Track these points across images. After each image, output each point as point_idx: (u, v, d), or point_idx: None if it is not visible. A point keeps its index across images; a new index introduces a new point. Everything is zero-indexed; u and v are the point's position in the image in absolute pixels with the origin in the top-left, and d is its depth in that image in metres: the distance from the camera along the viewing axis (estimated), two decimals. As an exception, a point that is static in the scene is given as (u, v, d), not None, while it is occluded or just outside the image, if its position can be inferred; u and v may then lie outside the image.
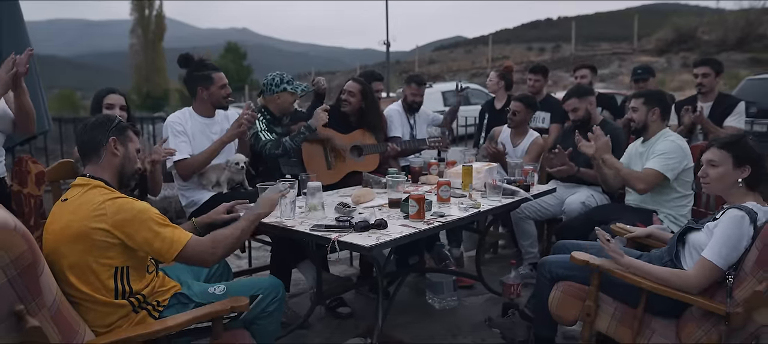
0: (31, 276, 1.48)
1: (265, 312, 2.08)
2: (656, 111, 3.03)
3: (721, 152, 2.12)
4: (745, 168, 2.07)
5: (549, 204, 3.53)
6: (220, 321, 1.85)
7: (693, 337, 2.00)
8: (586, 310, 2.20)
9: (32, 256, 1.47)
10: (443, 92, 15.35)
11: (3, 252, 1.39)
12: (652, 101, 3.05)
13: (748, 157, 2.08)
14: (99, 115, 2.14)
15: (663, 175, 2.91)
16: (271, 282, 2.15)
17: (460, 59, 39.48)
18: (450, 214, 2.49)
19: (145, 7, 37.02)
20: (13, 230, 1.43)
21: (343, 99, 3.65)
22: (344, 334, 2.87)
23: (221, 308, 1.85)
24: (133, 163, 2.01)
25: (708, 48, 25.97)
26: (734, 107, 3.96)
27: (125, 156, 1.96)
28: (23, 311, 1.42)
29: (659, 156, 2.94)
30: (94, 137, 1.92)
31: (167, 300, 1.96)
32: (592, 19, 57.90)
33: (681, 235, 2.18)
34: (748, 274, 1.89)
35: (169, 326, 1.79)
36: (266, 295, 2.08)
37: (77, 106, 33.02)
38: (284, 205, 2.37)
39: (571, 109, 3.56)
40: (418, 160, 3.59)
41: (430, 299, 3.35)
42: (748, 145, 2.11)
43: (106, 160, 1.92)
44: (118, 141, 1.93)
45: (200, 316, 1.83)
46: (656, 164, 2.93)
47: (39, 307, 1.49)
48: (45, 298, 1.53)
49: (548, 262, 2.44)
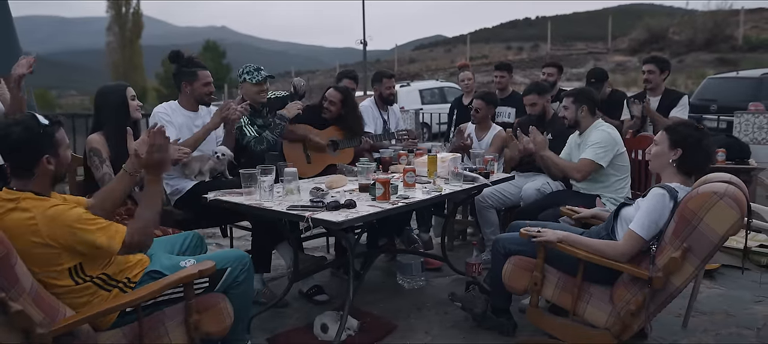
0: (6, 267, 1.63)
1: (236, 282, 2.21)
2: (584, 108, 3.37)
3: (662, 133, 2.41)
4: (676, 150, 2.34)
5: (510, 193, 3.81)
6: (191, 285, 1.97)
7: (623, 299, 2.30)
8: (534, 280, 2.47)
9: (5, 249, 1.63)
10: (421, 90, 15.66)
11: None
12: (580, 99, 3.38)
13: (682, 141, 2.33)
14: (20, 125, 1.85)
15: (596, 163, 3.24)
16: (237, 254, 2.28)
17: (440, 58, 39.84)
18: (414, 197, 2.76)
19: (122, 5, 36.66)
20: None
21: (325, 107, 3.91)
22: (320, 311, 3.11)
23: (189, 274, 1.96)
24: (67, 162, 1.99)
25: (678, 48, 26.74)
26: (679, 100, 4.32)
27: (59, 163, 1.92)
28: (5, 298, 1.59)
29: (591, 146, 3.27)
30: (26, 157, 1.85)
31: (138, 275, 2.07)
32: (569, 18, 58.71)
33: (616, 211, 2.48)
34: (667, 243, 2.19)
35: (141, 295, 1.89)
36: (234, 268, 2.20)
37: (53, 104, 32.54)
38: (263, 189, 2.61)
39: (529, 104, 3.86)
40: (389, 150, 3.86)
41: (399, 280, 3.61)
42: (683, 132, 2.36)
43: (40, 176, 1.88)
44: (49, 157, 1.88)
45: (170, 283, 1.94)
46: (589, 154, 3.26)
47: (19, 293, 1.66)
48: (23, 284, 1.69)
49: (502, 239, 2.72)
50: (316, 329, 2.79)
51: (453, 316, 3.06)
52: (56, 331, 1.71)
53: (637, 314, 2.24)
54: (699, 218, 2.10)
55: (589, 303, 2.40)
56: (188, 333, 2.00)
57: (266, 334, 2.85)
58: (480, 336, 2.84)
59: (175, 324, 2.01)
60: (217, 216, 3.26)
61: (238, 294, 2.23)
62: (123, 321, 1.98)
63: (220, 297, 2.13)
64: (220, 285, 2.18)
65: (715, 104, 9.24)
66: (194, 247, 2.53)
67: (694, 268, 2.17)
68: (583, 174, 3.29)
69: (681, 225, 2.15)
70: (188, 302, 1.99)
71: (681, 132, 2.36)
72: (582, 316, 2.42)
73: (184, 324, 2.00)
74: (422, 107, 13.69)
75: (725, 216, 2.08)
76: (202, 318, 2.04)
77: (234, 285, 2.22)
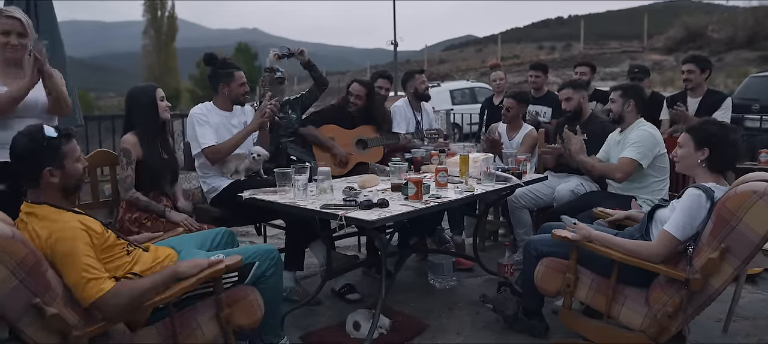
0: (38, 274, 1.70)
1: (264, 276, 2.23)
2: (632, 103, 3.29)
3: (685, 135, 2.38)
4: (703, 150, 2.30)
5: (543, 193, 3.78)
6: (219, 280, 2.01)
7: (660, 301, 2.26)
8: (566, 282, 2.45)
9: (34, 257, 1.70)
10: (451, 91, 15.62)
11: (8, 258, 1.63)
12: (629, 94, 3.31)
13: (707, 140, 2.29)
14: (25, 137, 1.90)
15: (637, 162, 3.17)
16: (265, 248, 2.31)
17: (470, 58, 39.64)
18: (446, 197, 2.77)
19: (158, 8, 37.54)
20: (11, 238, 1.65)
21: (351, 101, 3.99)
22: (353, 310, 3.15)
23: (216, 269, 1.99)
24: (76, 175, 1.97)
25: (718, 46, 25.98)
26: (722, 102, 4.18)
27: (64, 176, 1.91)
28: (40, 303, 1.66)
29: (632, 145, 3.20)
30: (28, 169, 1.88)
31: None
32: (603, 17, 57.66)
33: (651, 213, 2.44)
34: (705, 244, 2.15)
35: (166, 296, 1.91)
36: (262, 261, 2.23)
37: (92, 106, 33.55)
38: (298, 188, 2.66)
39: (564, 98, 3.82)
40: (420, 151, 3.87)
41: (431, 280, 3.62)
42: (708, 130, 2.32)
43: (46, 188, 1.90)
44: (52, 169, 1.88)
45: (195, 281, 1.95)
46: (630, 153, 3.19)
47: (53, 298, 1.72)
48: (56, 290, 1.75)
49: (534, 241, 2.71)
50: (349, 327, 2.82)
51: (484, 317, 3.06)
52: (92, 332, 1.77)
53: (674, 316, 2.20)
54: (738, 218, 2.06)
55: (624, 305, 2.37)
56: (221, 327, 2.06)
57: (300, 331, 2.89)
58: (511, 337, 2.83)
59: (207, 319, 2.06)
60: (252, 215, 3.33)
61: (268, 288, 2.25)
62: (156, 318, 2.02)
63: (249, 290, 2.17)
64: (249, 280, 2.21)
65: (757, 103, 8.95)
66: (225, 244, 2.56)
67: (733, 269, 2.12)
68: (625, 173, 3.21)
69: (719, 226, 2.11)
70: (217, 297, 2.03)
71: (705, 131, 2.32)
72: (616, 318, 2.39)
73: (216, 318, 2.05)
74: (453, 108, 13.64)
75: (766, 215, 2.02)
76: (233, 310, 2.08)
77: (263, 278, 2.24)
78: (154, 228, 2.72)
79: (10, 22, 2.60)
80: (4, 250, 1.62)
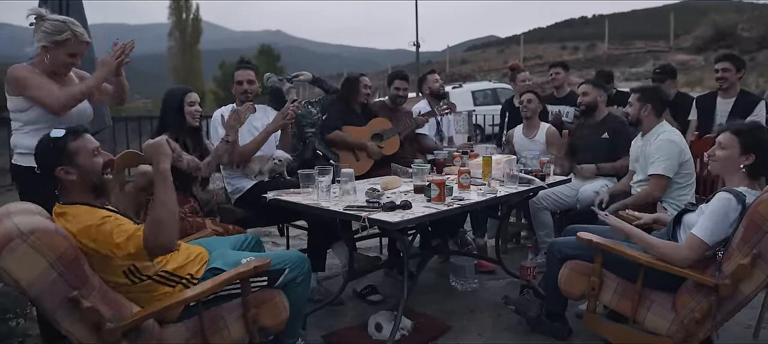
0: (77, 268, 1.77)
1: (294, 283, 2.25)
2: (649, 106, 3.23)
3: (731, 137, 2.29)
4: (749, 155, 2.24)
5: (566, 195, 3.74)
6: (247, 281, 2.04)
7: (687, 307, 2.22)
8: (591, 285, 2.43)
9: (74, 252, 1.76)
10: (473, 92, 15.55)
11: (49, 251, 1.70)
12: (646, 97, 3.25)
13: (756, 146, 2.23)
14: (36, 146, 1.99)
15: (667, 177, 3.10)
16: (297, 255, 2.33)
17: (492, 59, 39.39)
18: (469, 199, 2.77)
19: (183, 11, 38.04)
20: (54, 232, 1.74)
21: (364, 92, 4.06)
22: (374, 311, 3.16)
23: (245, 270, 2.03)
24: (95, 169, 1.97)
25: (748, 45, 25.36)
26: (755, 106, 4.06)
27: (81, 172, 1.94)
28: (77, 296, 1.72)
29: (658, 160, 3.12)
30: (44, 172, 1.94)
31: (201, 271, 2.15)
32: (627, 16, 56.74)
33: (678, 217, 2.40)
34: (735, 249, 2.11)
35: (200, 291, 1.98)
36: (293, 268, 2.24)
37: (118, 108, 34.11)
38: (321, 189, 2.68)
39: (582, 93, 3.79)
40: (443, 152, 3.87)
41: (453, 282, 3.61)
42: (758, 136, 2.26)
43: (66, 185, 1.94)
44: (66, 167, 1.91)
45: (228, 279, 2.01)
46: (658, 169, 3.11)
47: (89, 291, 1.79)
48: (92, 283, 1.81)
49: (558, 243, 2.68)
50: (371, 328, 2.83)
51: (506, 319, 3.04)
52: (125, 326, 1.82)
53: (702, 322, 2.16)
54: (771, 223, 2.01)
55: (650, 310, 2.34)
56: (247, 327, 2.09)
57: (321, 331, 2.91)
58: (534, 340, 2.81)
59: (234, 318, 2.10)
60: (275, 215, 3.37)
61: (295, 294, 2.27)
62: (186, 315, 2.06)
63: (276, 292, 2.20)
64: (278, 285, 2.23)
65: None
66: (251, 248, 2.60)
67: (765, 276, 2.07)
68: (660, 191, 3.13)
69: (750, 231, 2.06)
70: (244, 298, 2.06)
71: (756, 136, 2.26)
72: (642, 323, 2.36)
73: (243, 318, 2.09)
74: (475, 109, 13.56)
75: (800, 221, 1.97)
76: (260, 311, 2.11)
77: (292, 285, 2.25)
78: (182, 228, 2.76)
79: (81, 47, 2.55)
80: (46, 244, 1.69)
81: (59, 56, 2.49)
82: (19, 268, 1.67)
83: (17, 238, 1.67)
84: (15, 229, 1.69)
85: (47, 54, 2.48)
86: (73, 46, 2.50)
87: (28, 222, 1.73)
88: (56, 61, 2.50)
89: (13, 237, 1.67)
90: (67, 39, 2.46)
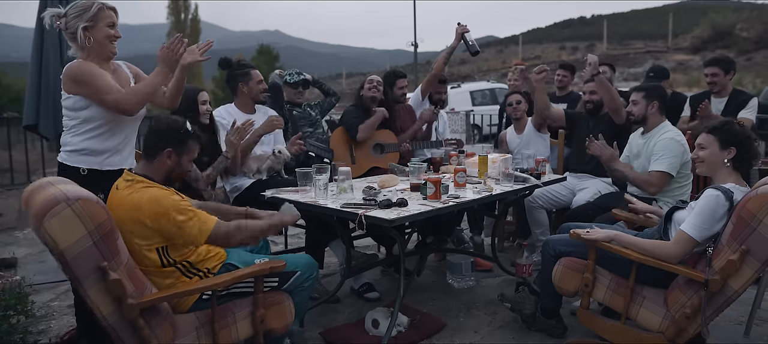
0: (111, 240, 1.83)
1: (301, 287, 2.32)
2: (655, 104, 3.26)
3: (708, 136, 2.35)
4: (730, 149, 2.29)
5: (561, 194, 3.78)
6: (261, 279, 2.11)
7: (678, 303, 2.26)
8: (584, 282, 2.46)
9: (111, 224, 1.83)
10: (471, 92, 15.60)
11: (89, 220, 1.76)
12: (652, 95, 3.27)
13: (733, 139, 2.28)
14: (171, 119, 2.22)
15: (670, 175, 3.13)
16: (308, 261, 2.40)
17: (491, 59, 39.43)
18: (465, 197, 2.80)
19: (181, 11, 38.02)
20: (96, 203, 1.80)
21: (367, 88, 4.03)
22: (371, 308, 3.19)
23: (260, 268, 2.10)
24: (182, 171, 2.21)
25: (746, 45, 25.45)
26: (748, 102, 4.12)
27: (176, 164, 2.15)
28: (106, 267, 1.79)
29: (662, 157, 3.13)
30: (156, 142, 2.12)
31: (217, 267, 2.21)
32: (626, 16, 56.76)
33: (669, 214, 2.43)
34: (725, 246, 2.14)
35: (215, 282, 2.07)
36: (304, 272, 2.31)
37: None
38: (318, 187, 2.71)
39: (589, 91, 3.83)
40: (440, 151, 3.90)
41: (449, 279, 3.65)
42: (732, 129, 2.31)
43: (158, 164, 2.13)
44: (174, 152, 2.13)
45: (242, 275, 2.09)
46: (662, 165, 3.12)
47: (118, 264, 1.85)
48: (122, 257, 1.89)
49: (552, 241, 2.72)
50: (368, 324, 2.87)
51: (502, 317, 3.08)
52: (143, 304, 1.88)
53: (692, 318, 2.19)
54: (758, 220, 2.04)
55: (643, 306, 2.37)
56: (253, 326, 2.14)
57: (319, 328, 2.95)
58: (529, 337, 2.85)
59: (243, 316, 2.15)
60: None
61: (299, 298, 2.33)
62: (198, 307, 2.13)
63: (285, 296, 2.26)
64: (288, 286, 2.29)
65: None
66: (259, 249, 2.66)
67: (753, 271, 2.11)
68: (658, 187, 3.16)
69: (739, 227, 2.10)
70: (256, 295, 2.12)
71: (731, 130, 2.31)
72: (635, 319, 2.39)
73: (251, 317, 2.14)
74: (473, 109, 13.61)
75: (788, 218, 2.00)
76: (268, 313, 2.16)
77: (297, 290, 2.31)
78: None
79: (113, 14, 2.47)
80: (87, 213, 1.76)
81: (101, 31, 2.42)
82: (60, 231, 1.72)
83: (63, 202, 1.73)
84: (61, 194, 1.75)
85: (89, 36, 2.40)
86: (108, 15, 2.45)
87: (73, 190, 1.81)
88: (101, 38, 2.42)
89: (59, 201, 1.73)
90: (99, 9, 2.41)
